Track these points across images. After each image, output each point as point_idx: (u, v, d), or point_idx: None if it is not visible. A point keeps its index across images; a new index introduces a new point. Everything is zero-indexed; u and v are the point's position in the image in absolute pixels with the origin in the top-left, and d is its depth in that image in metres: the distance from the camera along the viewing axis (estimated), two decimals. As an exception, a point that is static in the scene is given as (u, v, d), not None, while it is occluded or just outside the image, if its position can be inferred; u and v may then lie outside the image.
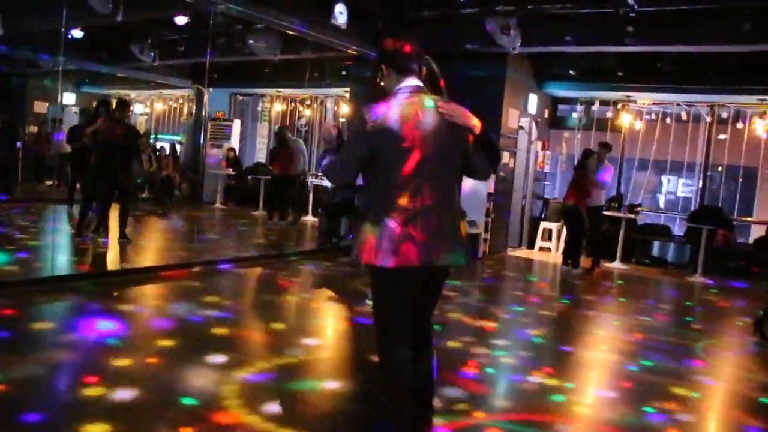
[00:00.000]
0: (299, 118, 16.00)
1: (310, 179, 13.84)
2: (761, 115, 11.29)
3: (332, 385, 4.23)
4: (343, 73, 13.15)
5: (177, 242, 10.27)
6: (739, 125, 11.53)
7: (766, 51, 8.72)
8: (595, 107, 12.56)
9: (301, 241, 11.39)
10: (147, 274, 7.05)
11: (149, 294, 6.50)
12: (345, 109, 13.96)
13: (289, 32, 9.60)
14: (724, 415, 4.43)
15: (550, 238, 11.97)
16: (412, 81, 3.06)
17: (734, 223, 11.27)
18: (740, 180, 12.66)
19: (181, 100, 17.49)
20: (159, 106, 18.01)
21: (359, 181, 3.18)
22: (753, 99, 10.92)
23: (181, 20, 10.32)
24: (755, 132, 11.41)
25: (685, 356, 5.58)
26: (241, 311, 6.17)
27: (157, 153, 14.98)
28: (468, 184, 10.36)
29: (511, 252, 11.62)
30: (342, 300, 6.93)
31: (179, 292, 6.61)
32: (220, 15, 9.87)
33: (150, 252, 8.94)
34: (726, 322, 7.60)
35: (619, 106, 12.28)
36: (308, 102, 15.61)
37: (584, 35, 9.45)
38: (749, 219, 11.85)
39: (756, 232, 11.79)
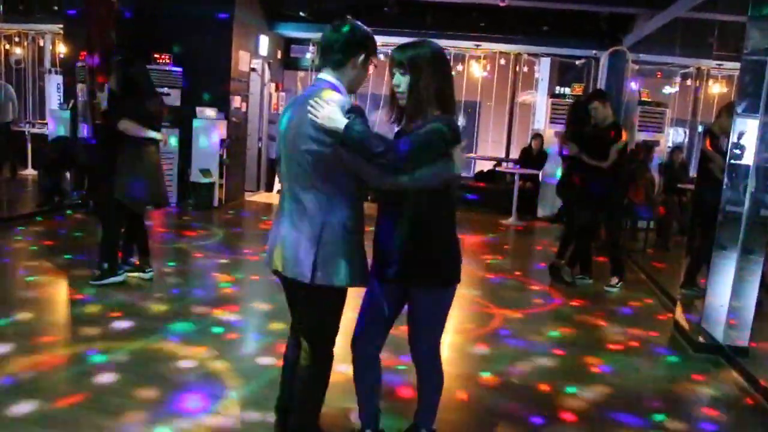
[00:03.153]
0: (9, 55, 14.20)
1: (26, 127, 12.44)
2: (477, 59, 12.19)
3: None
4: (55, 8, 11.82)
5: None
6: (459, 67, 12.34)
7: (478, 3, 9.29)
8: (328, 48, 12.60)
9: (18, 200, 10.23)
10: None
11: None
12: (62, 48, 12.60)
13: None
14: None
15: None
16: None
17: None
18: (465, 113, 13.69)
19: None
20: None
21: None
22: (470, 44, 11.70)
23: None
24: (474, 74, 12.34)
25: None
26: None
27: None
28: (200, 133, 10.02)
29: (249, 197, 11.49)
30: (65, 272, 6.29)
31: None
32: None
33: None
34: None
35: (351, 47, 12.45)
36: (18, 39, 13.88)
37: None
38: (470, 155, 12.84)
39: (478, 167, 12.84)
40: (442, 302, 2.92)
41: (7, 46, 14.01)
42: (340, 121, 2.55)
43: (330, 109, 2.57)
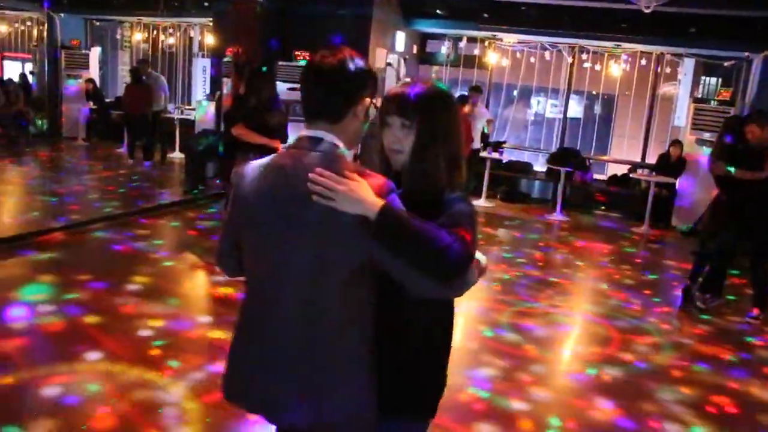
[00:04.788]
0: (163, 45, 15.19)
1: (175, 113, 13.27)
2: (616, 59, 11.82)
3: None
4: (206, 4, 12.51)
5: (27, 198, 9.66)
6: (597, 67, 12.04)
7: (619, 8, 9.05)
8: (463, 44, 12.62)
9: (166, 186, 10.96)
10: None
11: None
12: (210, 39, 13.30)
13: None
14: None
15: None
16: None
17: (590, 162, 11.84)
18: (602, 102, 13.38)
19: (29, 23, 16.08)
20: (3, 29, 16.48)
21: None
22: (610, 44, 11.38)
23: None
24: (612, 74, 12.03)
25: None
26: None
27: (3, 85, 13.85)
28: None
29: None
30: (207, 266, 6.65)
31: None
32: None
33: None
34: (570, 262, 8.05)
35: (486, 44, 12.40)
36: (171, 30, 14.79)
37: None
38: (604, 158, 12.51)
39: (611, 169, 12.51)
40: None
41: (162, 37, 14.96)
42: (370, 203, 1.71)
43: (353, 185, 1.73)
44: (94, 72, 14.36)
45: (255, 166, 1.96)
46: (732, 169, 6.14)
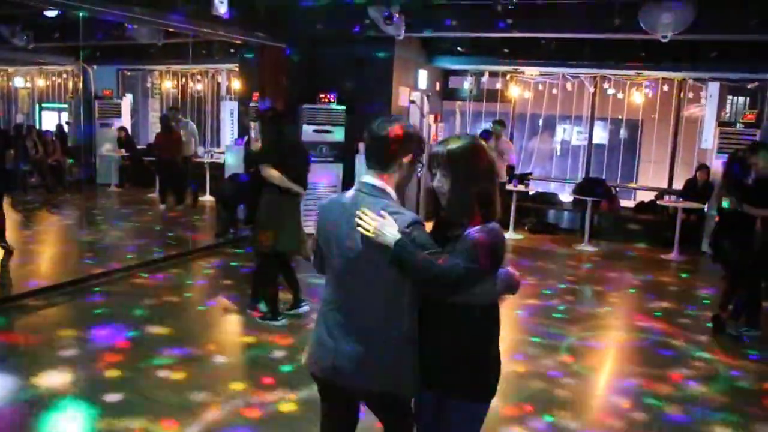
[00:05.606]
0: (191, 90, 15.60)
1: (205, 157, 13.55)
2: (638, 87, 11.89)
3: None
4: (231, 50, 12.85)
5: (64, 248, 9.96)
6: (620, 95, 12.11)
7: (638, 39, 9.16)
8: (485, 78, 12.78)
9: (198, 231, 11.17)
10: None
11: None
12: (237, 84, 13.63)
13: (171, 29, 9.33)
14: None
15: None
16: None
17: (616, 190, 11.85)
18: (626, 125, 13.40)
19: (65, 75, 16.63)
20: (41, 83, 17.07)
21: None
22: (632, 72, 11.46)
23: (51, 13, 9.78)
24: (635, 102, 12.08)
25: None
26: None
27: (41, 136, 14.29)
28: (362, 166, 10.48)
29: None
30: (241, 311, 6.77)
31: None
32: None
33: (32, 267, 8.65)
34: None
35: (508, 77, 12.55)
36: (199, 77, 15.21)
37: (467, 22, 9.62)
38: (630, 185, 12.51)
39: (639, 195, 12.48)
40: (477, 418, 2.65)
41: (190, 84, 15.37)
42: (391, 237, 2.40)
43: (382, 222, 2.43)
44: (126, 120, 14.80)
45: (329, 201, 2.81)
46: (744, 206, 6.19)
